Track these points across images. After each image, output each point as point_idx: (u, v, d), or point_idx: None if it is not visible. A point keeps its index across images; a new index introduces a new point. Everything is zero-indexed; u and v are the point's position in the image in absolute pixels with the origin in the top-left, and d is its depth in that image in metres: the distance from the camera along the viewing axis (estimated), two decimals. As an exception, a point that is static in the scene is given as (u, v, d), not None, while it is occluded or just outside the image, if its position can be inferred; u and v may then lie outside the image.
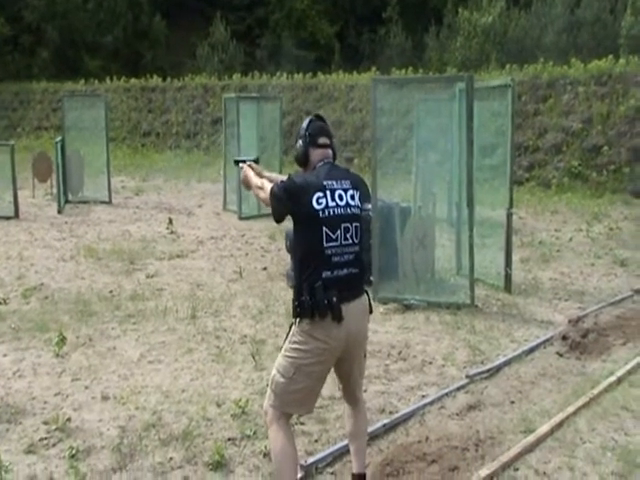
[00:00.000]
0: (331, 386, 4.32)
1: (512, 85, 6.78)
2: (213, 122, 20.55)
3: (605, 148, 13.71)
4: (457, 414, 4.05)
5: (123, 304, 6.10)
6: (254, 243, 9.04)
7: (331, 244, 2.79)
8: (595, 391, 4.31)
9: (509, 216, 6.68)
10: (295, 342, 2.81)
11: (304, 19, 32.16)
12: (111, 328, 5.50)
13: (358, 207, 2.90)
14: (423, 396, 4.28)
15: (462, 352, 5.11)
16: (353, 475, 3.07)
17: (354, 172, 3.11)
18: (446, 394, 4.30)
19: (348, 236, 2.84)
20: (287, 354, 2.83)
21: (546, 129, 14.96)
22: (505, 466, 3.47)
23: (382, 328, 5.68)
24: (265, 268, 7.55)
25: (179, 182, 15.34)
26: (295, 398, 2.84)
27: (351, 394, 3.08)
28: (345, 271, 2.81)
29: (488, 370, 4.69)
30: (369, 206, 2.69)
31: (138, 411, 3.97)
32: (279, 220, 2.88)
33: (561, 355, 5.07)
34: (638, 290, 6.68)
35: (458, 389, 4.40)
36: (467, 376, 4.58)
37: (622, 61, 15.94)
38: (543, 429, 3.82)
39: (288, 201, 2.80)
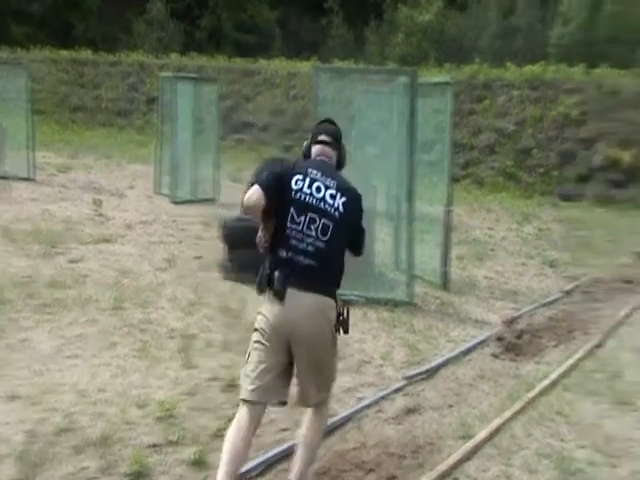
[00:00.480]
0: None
1: (452, 83, 6.68)
2: (149, 101, 19.73)
3: (535, 151, 13.98)
4: (395, 418, 3.85)
5: (39, 291, 5.53)
6: (187, 230, 8.59)
7: (293, 226, 2.77)
8: (530, 395, 4.22)
9: (448, 214, 6.57)
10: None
11: (244, 1, 31.39)
12: (23, 318, 4.94)
13: (335, 208, 2.81)
14: (360, 399, 4.06)
15: (400, 351, 4.93)
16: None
17: (352, 185, 2.96)
18: (383, 397, 4.10)
19: (312, 227, 2.77)
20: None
21: (480, 129, 15.14)
22: (444, 475, 3.29)
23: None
24: (198, 257, 7.15)
25: (110, 162, 14.58)
26: (249, 381, 2.76)
27: (302, 399, 2.93)
28: (302, 259, 2.75)
29: (426, 371, 4.52)
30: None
31: (49, 413, 3.52)
32: (268, 208, 2.74)
33: (497, 356, 4.98)
34: (568, 292, 6.73)
35: (396, 391, 4.21)
36: (404, 377, 4.40)
37: (552, 67, 16.32)
38: (481, 435, 3.67)
39: (274, 174, 2.78)
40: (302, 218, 2.77)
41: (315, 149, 2.98)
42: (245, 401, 2.75)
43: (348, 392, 4.15)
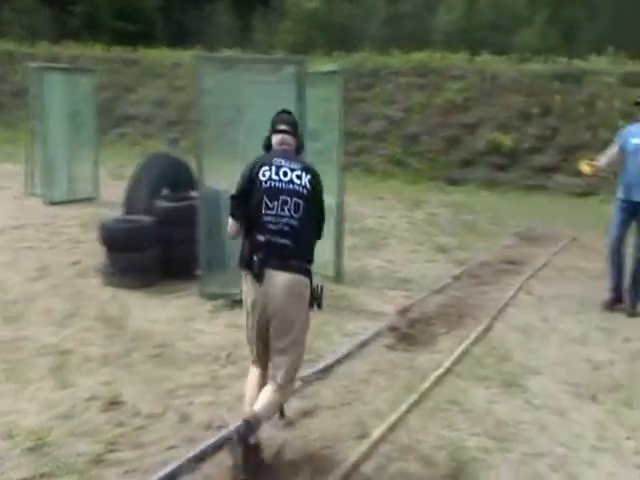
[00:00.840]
0: (152, 404, 3.81)
1: (340, 72, 6.59)
2: (17, 94, 18.38)
3: (423, 137, 14.34)
4: (291, 423, 3.73)
5: None
6: (63, 233, 8.00)
7: (268, 212, 3.12)
8: (425, 385, 4.24)
9: (340, 205, 6.51)
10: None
11: (124, -12, 30.01)
12: None
13: (303, 186, 3.18)
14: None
15: (293, 350, 4.82)
16: (244, 418, 3.08)
17: (312, 166, 3.37)
18: (278, 401, 3.97)
19: (286, 208, 3.13)
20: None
21: (370, 116, 15.30)
22: (343, 479, 3.22)
23: (209, 328, 5.23)
24: (76, 262, 6.68)
25: (-25, 161, 13.47)
26: (250, 341, 3.33)
27: (271, 355, 3.27)
28: (279, 239, 3.10)
29: (321, 370, 4.44)
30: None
31: None
32: (236, 210, 3.23)
33: (391, 348, 4.98)
34: (457, 276, 6.89)
35: (292, 393, 4.08)
36: (299, 379, 4.29)
37: (438, 55, 16.79)
38: (378, 433, 3.64)
39: (245, 179, 3.20)
40: (275, 203, 3.13)
41: (276, 138, 3.34)
42: (251, 353, 3.35)
43: (240, 400, 3.98)
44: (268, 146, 3.38)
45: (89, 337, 4.68)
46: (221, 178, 11.34)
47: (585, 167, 6.13)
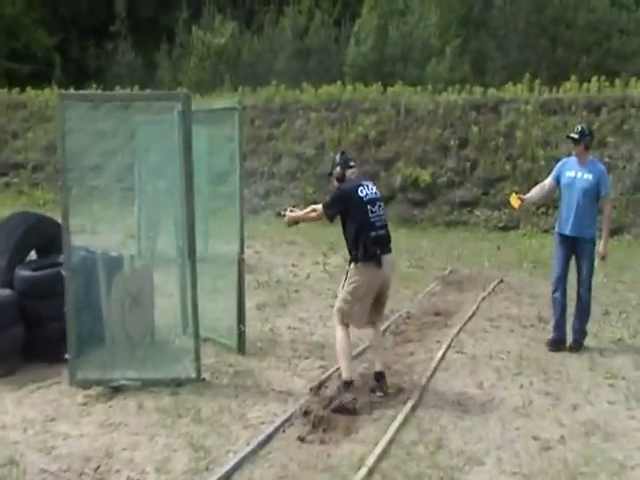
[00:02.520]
0: None
1: (239, 108, 5.86)
2: None
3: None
4: None
5: None
6: None
7: (372, 215, 4.67)
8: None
9: (240, 263, 5.71)
10: (352, 279, 4.65)
11: (17, 28, 28.50)
12: None
13: (378, 193, 4.84)
14: None
15: (182, 455, 3.94)
16: (375, 372, 4.82)
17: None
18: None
19: (380, 210, 4.74)
20: (348, 288, 4.67)
21: (281, 155, 14.71)
22: None
23: (77, 429, 4.27)
24: None
25: None
26: (353, 316, 4.72)
27: (378, 314, 4.93)
28: (381, 232, 4.69)
29: (212, 486, 3.56)
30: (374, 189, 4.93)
31: None
32: (333, 218, 4.82)
33: (303, 439, 4.16)
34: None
35: None
36: (182, 502, 3.40)
37: (349, 88, 16.47)
38: None
39: (340, 203, 4.74)
40: (375, 207, 4.70)
41: (350, 171, 4.87)
42: (346, 326, 4.75)
43: None
44: (343, 179, 4.86)
45: None
46: (116, 227, 10.28)
47: (514, 201, 6.05)
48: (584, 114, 13.34)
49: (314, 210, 4.93)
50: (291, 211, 5.17)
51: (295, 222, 5.16)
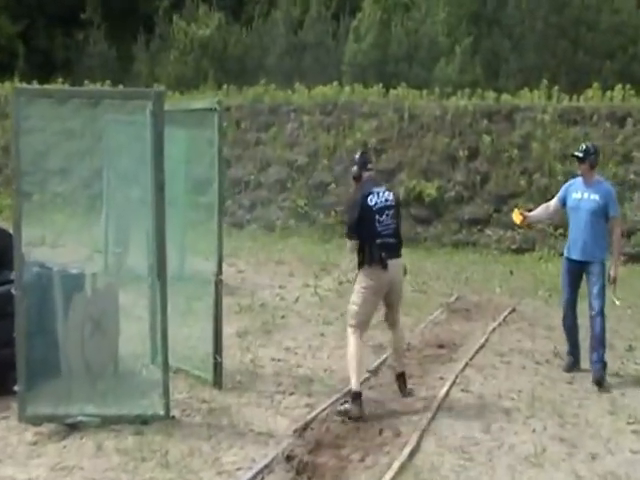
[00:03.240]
0: None
1: (218, 109, 5.83)
2: None
3: (332, 186, 13.80)
4: None
5: None
6: None
7: (380, 224, 5.28)
8: None
9: (217, 285, 5.65)
10: (361, 283, 5.32)
11: (-24, 16, 28.55)
12: None
13: (391, 200, 5.40)
14: None
15: (144, 505, 3.85)
16: (397, 374, 5.62)
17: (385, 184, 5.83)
18: None
19: (388, 218, 5.33)
20: (356, 291, 5.36)
21: (269, 162, 14.72)
22: None
23: (25, 473, 4.18)
24: None
25: None
26: (364, 318, 5.36)
27: (393, 317, 5.59)
28: (388, 240, 5.31)
29: None
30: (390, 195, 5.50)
31: None
32: (354, 233, 5.38)
33: (284, 491, 4.09)
34: (374, 370, 6.14)
35: None
36: None
37: (347, 89, 16.52)
38: None
39: (357, 210, 5.32)
40: (383, 217, 5.30)
41: (366, 174, 5.45)
42: (357, 328, 5.33)
43: None
44: (359, 179, 5.47)
45: None
46: (83, 240, 10.20)
47: (516, 216, 6.50)
48: (607, 125, 13.42)
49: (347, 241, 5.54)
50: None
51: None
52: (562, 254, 6.51)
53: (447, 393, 5.63)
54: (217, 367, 5.61)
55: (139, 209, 7.92)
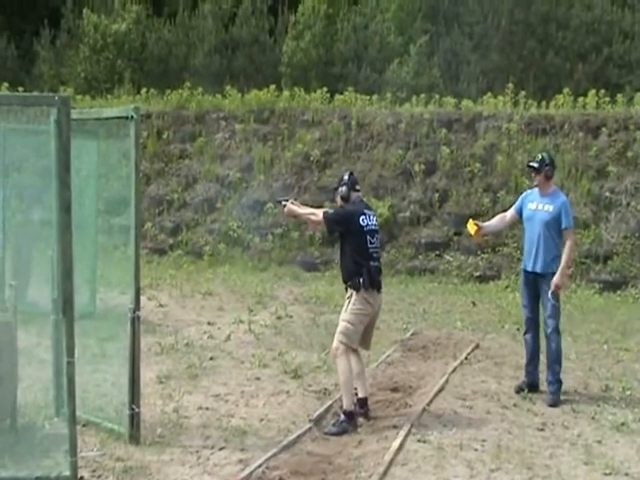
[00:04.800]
0: None
1: (135, 117, 5.86)
2: None
3: (269, 205, 13.88)
4: None
5: None
6: None
7: (371, 246, 6.15)
8: None
9: (134, 322, 5.63)
10: (356, 305, 6.09)
11: None
12: None
13: (376, 225, 6.30)
14: None
15: None
16: (359, 399, 6.21)
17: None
18: None
19: (376, 242, 6.23)
20: (353, 312, 6.10)
21: (196, 178, 14.75)
22: None
23: None
24: None
25: None
26: (356, 337, 6.14)
27: (370, 337, 6.49)
28: (377, 263, 6.22)
29: None
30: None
31: None
32: (332, 233, 6.59)
33: None
34: (317, 419, 6.20)
35: None
36: None
37: (286, 93, 16.70)
38: None
39: (342, 223, 6.20)
40: (374, 239, 6.17)
41: (354, 195, 6.24)
42: (354, 349, 6.15)
43: None
44: (348, 200, 6.20)
45: None
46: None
47: (471, 227, 7.14)
48: (580, 136, 13.92)
49: (314, 214, 6.36)
50: (292, 203, 6.40)
51: (294, 216, 6.88)
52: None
53: (401, 444, 5.68)
54: (134, 419, 5.58)
55: (42, 233, 7.86)
